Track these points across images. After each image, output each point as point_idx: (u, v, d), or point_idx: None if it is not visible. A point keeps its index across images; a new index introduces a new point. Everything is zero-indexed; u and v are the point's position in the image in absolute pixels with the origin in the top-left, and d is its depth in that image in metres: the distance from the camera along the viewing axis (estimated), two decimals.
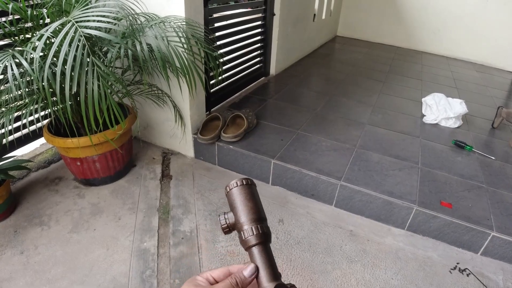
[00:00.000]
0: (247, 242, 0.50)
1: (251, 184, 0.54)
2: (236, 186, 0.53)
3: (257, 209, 0.52)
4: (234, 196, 0.53)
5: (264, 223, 0.52)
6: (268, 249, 0.50)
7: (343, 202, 1.94)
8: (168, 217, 1.79)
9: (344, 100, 3.00)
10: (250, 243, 0.49)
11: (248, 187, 0.53)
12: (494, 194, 1.94)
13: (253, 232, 0.49)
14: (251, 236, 0.49)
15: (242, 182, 0.53)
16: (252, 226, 0.50)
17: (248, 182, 0.54)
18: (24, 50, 1.32)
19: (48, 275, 1.45)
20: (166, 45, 1.50)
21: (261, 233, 0.50)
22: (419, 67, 4.36)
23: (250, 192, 0.53)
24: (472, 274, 1.63)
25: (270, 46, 3.21)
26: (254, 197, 0.53)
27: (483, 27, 4.75)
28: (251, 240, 0.49)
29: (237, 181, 0.53)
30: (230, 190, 0.53)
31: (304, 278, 1.52)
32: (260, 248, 0.49)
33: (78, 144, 1.70)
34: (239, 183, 0.53)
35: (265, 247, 0.50)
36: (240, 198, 0.52)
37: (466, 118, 2.85)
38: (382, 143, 2.33)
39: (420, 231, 1.83)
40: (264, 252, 0.49)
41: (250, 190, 0.53)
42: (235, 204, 0.52)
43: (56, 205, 1.82)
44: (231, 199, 0.53)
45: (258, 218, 0.51)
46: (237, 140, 2.14)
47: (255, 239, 0.49)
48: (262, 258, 0.49)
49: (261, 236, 0.50)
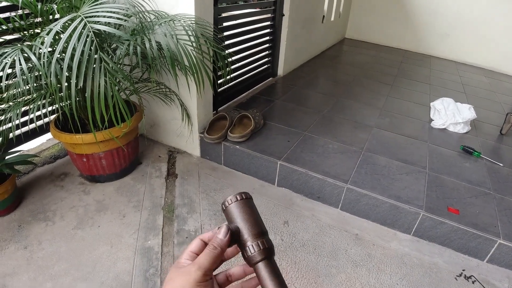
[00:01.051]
0: (252, 259, 0.49)
1: (248, 198, 0.53)
2: (234, 202, 0.52)
3: (258, 223, 0.51)
4: (232, 212, 0.52)
5: (266, 237, 0.51)
6: (273, 263, 0.49)
7: (349, 205, 1.92)
8: (172, 216, 1.78)
9: (352, 102, 2.98)
10: (255, 260, 0.49)
11: (246, 201, 0.52)
12: (502, 201, 1.92)
13: (258, 248, 0.49)
14: (256, 252, 0.49)
15: (240, 197, 0.52)
16: (256, 243, 0.49)
17: (245, 197, 0.52)
18: (33, 44, 1.31)
19: (51, 271, 1.45)
20: (176, 43, 1.49)
21: (266, 248, 0.49)
22: (427, 71, 4.33)
23: (249, 207, 0.52)
24: (478, 282, 1.61)
25: (278, 47, 3.20)
26: (253, 211, 0.52)
27: (492, 33, 4.71)
28: (256, 257, 0.49)
29: (233, 196, 0.52)
30: (228, 206, 0.52)
31: (308, 281, 1.51)
32: (266, 263, 0.49)
33: (86, 140, 1.70)
34: (237, 198, 0.52)
35: (270, 262, 0.49)
36: (239, 214, 0.51)
37: (474, 124, 2.82)
38: (389, 146, 2.31)
39: (426, 236, 1.81)
40: (270, 267, 0.48)
41: (249, 204, 0.52)
42: (234, 220, 0.51)
43: (61, 201, 1.82)
44: (230, 216, 0.52)
45: (261, 233, 0.50)
46: (244, 140, 2.13)
47: (260, 255, 0.48)
48: (269, 273, 0.48)
49: (265, 252, 0.49)
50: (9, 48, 1.33)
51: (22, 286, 1.37)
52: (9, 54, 1.29)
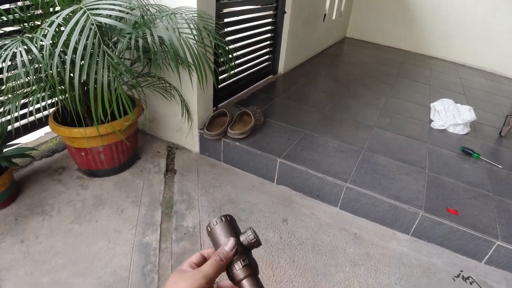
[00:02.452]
0: (236, 276, 0.50)
1: (231, 220, 0.55)
2: (218, 224, 0.54)
3: (241, 243, 0.53)
4: (217, 233, 0.53)
5: (249, 256, 0.52)
6: (258, 281, 0.50)
7: (348, 204, 1.91)
8: (171, 212, 1.77)
9: (352, 101, 2.97)
10: (239, 277, 0.50)
11: (229, 222, 0.54)
12: (501, 203, 1.92)
13: (241, 265, 0.50)
14: (239, 269, 0.50)
15: (223, 219, 0.54)
16: (239, 261, 0.50)
17: (228, 219, 0.55)
18: (34, 37, 1.30)
19: (48, 265, 1.43)
20: (178, 37, 1.48)
21: (249, 265, 0.50)
22: (427, 72, 4.33)
23: (231, 227, 0.54)
24: (476, 283, 1.61)
25: (279, 44, 3.18)
26: (236, 231, 0.54)
27: (493, 35, 4.71)
28: (240, 274, 0.50)
29: (217, 219, 0.54)
30: (212, 228, 0.54)
31: (307, 280, 1.50)
32: (250, 280, 0.49)
33: (85, 134, 1.69)
34: (221, 219, 0.54)
35: (255, 279, 0.50)
36: (223, 234, 0.53)
37: (474, 126, 2.82)
38: (389, 146, 2.31)
39: (425, 237, 1.80)
40: (254, 283, 0.49)
41: (232, 225, 0.54)
42: (218, 241, 0.53)
43: (58, 195, 1.81)
44: (214, 237, 0.54)
45: (243, 251, 0.52)
46: (244, 137, 2.12)
47: (243, 273, 0.50)
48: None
49: (249, 269, 0.50)
50: (9, 40, 1.31)
51: (18, 280, 1.36)
52: (9, 46, 1.28)
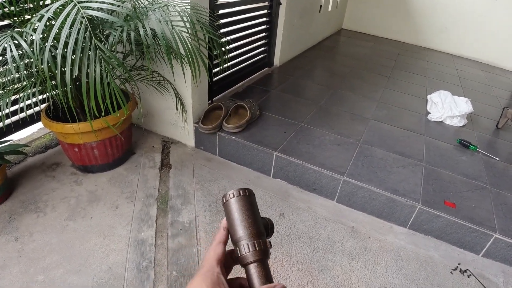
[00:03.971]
0: (244, 259, 0.46)
1: (249, 195, 0.51)
2: (234, 197, 0.50)
3: (256, 223, 0.49)
4: (231, 207, 0.49)
5: (263, 238, 0.48)
6: (266, 267, 0.47)
7: (345, 197, 1.90)
8: (166, 207, 1.76)
9: (349, 94, 2.95)
10: (247, 260, 0.46)
11: (246, 197, 0.50)
12: (498, 196, 1.91)
13: (252, 248, 0.46)
14: (249, 253, 0.46)
15: (241, 193, 0.50)
16: (250, 242, 0.47)
17: (246, 193, 0.50)
18: (24, 31, 1.27)
19: (42, 263, 1.42)
20: (171, 30, 1.45)
21: (260, 250, 0.46)
22: (424, 63, 4.31)
23: (249, 204, 0.50)
24: (473, 276, 1.61)
25: (275, 36, 3.15)
26: (253, 209, 0.50)
27: (490, 27, 4.70)
28: (249, 257, 0.46)
29: (236, 191, 0.50)
30: (227, 201, 0.50)
31: (304, 274, 1.49)
32: (258, 265, 0.46)
33: (78, 129, 1.66)
34: (237, 193, 0.50)
35: (263, 265, 0.46)
36: (238, 210, 0.49)
37: (471, 117, 2.81)
38: (386, 139, 2.30)
39: (422, 230, 1.80)
40: (262, 270, 0.46)
41: (249, 201, 0.50)
42: (232, 216, 0.49)
43: (52, 192, 1.78)
44: (228, 210, 0.50)
45: (257, 233, 0.48)
46: (239, 131, 2.10)
47: (253, 256, 0.46)
48: (260, 277, 0.45)
49: (260, 253, 0.46)
50: None
51: (13, 278, 1.34)
52: None
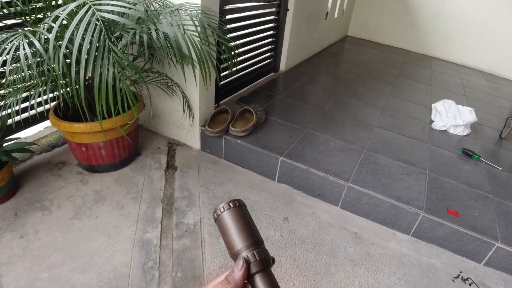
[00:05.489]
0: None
1: (240, 206, 0.50)
2: (226, 210, 0.49)
3: (252, 233, 0.48)
4: (225, 221, 0.49)
5: (262, 247, 0.48)
6: (271, 275, 0.46)
7: (349, 203, 1.91)
8: (172, 209, 1.77)
9: (353, 100, 2.97)
10: (251, 272, 0.46)
11: (238, 209, 0.49)
12: (500, 205, 1.92)
13: (253, 258, 0.46)
14: (252, 264, 0.46)
15: (233, 205, 0.49)
16: (251, 253, 0.46)
17: (238, 204, 0.49)
18: (37, 31, 1.28)
19: (47, 261, 1.42)
20: (182, 34, 1.46)
21: (262, 259, 0.46)
22: (428, 72, 4.33)
23: (241, 215, 0.49)
24: (475, 284, 1.61)
25: (281, 42, 3.17)
26: (247, 219, 0.49)
27: (495, 37, 4.71)
28: (252, 269, 0.46)
29: (226, 204, 0.49)
30: (219, 215, 0.49)
31: (307, 279, 1.50)
32: (263, 275, 0.46)
33: (86, 129, 1.67)
34: (229, 205, 0.49)
35: (268, 273, 0.46)
36: (232, 223, 0.48)
37: (474, 127, 2.82)
38: (390, 146, 2.31)
39: (425, 237, 1.80)
40: (268, 279, 0.46)
41: (242, 212, 0.49)
42: (227, 230, 0.48)
43: (58, 190, 1.79)
44: (222, 225, 0.49)
45: (256, 243, 0.47)
46: (245, 135, 2.11)
47: (256, 267, 0.46)
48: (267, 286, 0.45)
49: (262, 263, 0.46)
50: (11, 33, 1.30)
51: (17, 276, 1.35)
52: (12, 40, 1.26)
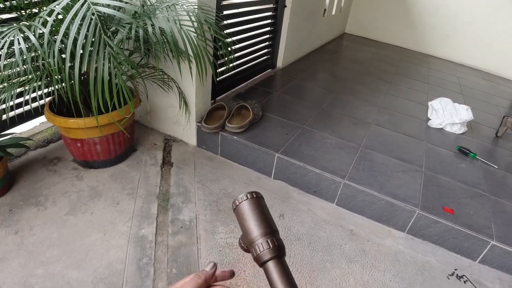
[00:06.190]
0: (261, 258, 0.47)
1: (259, 197, 0.51)
2: (245, 200, 0.50)
3: (267, 222, 0.49)
4: (243, 210, 0.50)
5: (277, 236, 0.49)
6: (284, 263, 0.47)
7: (345, 201, 1.91)
8: (167, 205, 1.76)
9: (351, 98, 2.97)
10: (264, 258, 0.46)
11: (256, 200, 0.51)
12: (496, 203, 1.93)
13: (267, 246, 0.46)
14: (265, 250, 0.46)
15: (250, 196, 0.50)
16: (265, 240, 0.47)
17: (256, 196, 0.51)
18: (33, 25, 1.27)
19: (42, 257, 1.42)
20: (179, 29, 1.46)
21: (276, 247, 0.47)
22: (426, 70, 4.33)
23: (259, 206, 0.50)
24: (470, 282, 1.62)
25: (279, 38, 3.16)
26: (263, 210, 0.50)
27: (492, 36, 4.72)
28: (266, 255, 0.46)
29: (244, 195, 0.50)
30: (239, 205, 0.51)
31: (303, 275, 1.50)
32: (276, 262, 0.46)
33: (82, 124, 1.66)
34: (247, 196, 0.50)
35: (281, 262, 0.47)
36: (250, 212, 0.50)
37: (470, 125, 2.82)
38: (387, 144, 2.31)
39: (420, 235, 1.81)
40: (280, 266, 0.46)
41: (259, 203, 0.51)
42: (245, 218, 0.50)
43: (53, 186, 1.79)
44: (240, 213, 0.50)
45: (270, 232, 0.48)
46: (242, 131, 2.10)
47: (269, 253, 0.46)
48: (279, 273, 0.45)
49: (276, 250, 0.46)
50: (6, 27, 1.29)
51: (12, 271, 1.34)
52: (7, 34, 1.25)
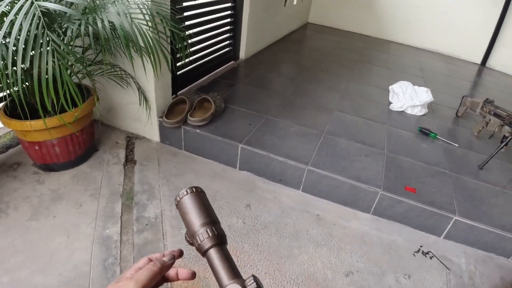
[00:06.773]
0: (202, 247, 0.50)
1: (200, 191, 0.54)
2: (186, 195, 0.53)
3: (208, 213, 0.52)
4: (185, 205, 0.53)
5: (217, 225, 0.52)
6: (224, 250, 0.50)
7: (310, 187, 1.94)
8: (132, 203, 1.74)
9: (313, 86, 2.99)
10: (205, 247, 0.49)
11: (197, 194, 0.54)
12: (457, 180, 1.99)
13: (207, 235, 0.49)
14: (206, 239, 0.49)
15: (191, 191, 0.53)
16: (205, 230, 0.50)
17: (197, 190, 0.54)
18: None
19: (7, 264, 1.37)
20: (130, 23, 1.43)
21: (216, 235, 0.50)
22: (387, 56, 4.41)
23: (199, 199, 0.53)
24: (435, 257, 1.67)
25: (240, 30, 3.14)
26: (205, 203, 0.54)
27: (452, 19, 4.81)
28: (206, 243, 0.49)
29: (185, 190, 0.53)
30: (180, 200, 0.54)
31: (271, 263, 1.52)
32: (217, 249, 0.49)
33: (36, 127, 1.61)
34: (188, 191, 0.53)
35: (221, 249, 0.50)
36: (191, 206, 0.52)
37: (431, 107, 2.90)
38: (349, 129, 2.35)
39: (385, 215, 1.85)
40: (221, 253, 0.49)
41: (200, 197, 0.54)
42: (186, 212, 0.52)
43: (14, 192, 1.73)
44: (182, 208, 0.53)
45: (211, 221, 0.51)
46: (204, 124, 2.09)
47: (210, 242, 0.49)
48: (220, 259, 0.48)
49: (216, 238, 0.50)
50: None
51: None
52: None
